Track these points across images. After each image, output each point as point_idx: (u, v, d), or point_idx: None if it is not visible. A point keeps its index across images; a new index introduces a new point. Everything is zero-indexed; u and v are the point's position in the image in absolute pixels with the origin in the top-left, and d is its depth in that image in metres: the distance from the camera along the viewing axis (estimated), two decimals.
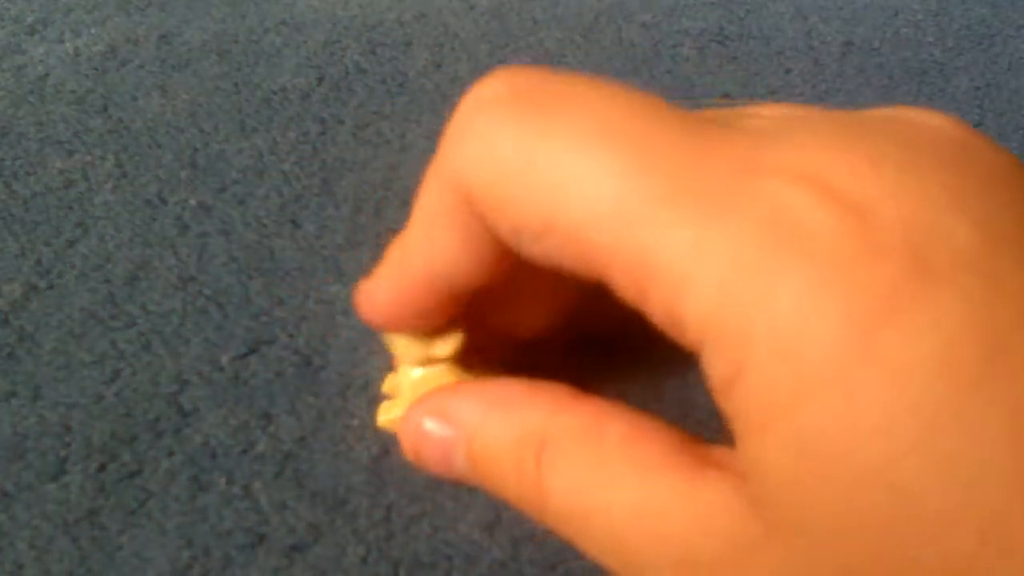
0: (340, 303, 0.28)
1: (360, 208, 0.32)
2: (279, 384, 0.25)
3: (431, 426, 0.18)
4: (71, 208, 0.32)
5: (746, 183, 0.13)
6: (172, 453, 0.23)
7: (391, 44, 0.42)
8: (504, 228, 0.15)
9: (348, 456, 0.23)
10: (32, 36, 0.43)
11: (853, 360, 0.11)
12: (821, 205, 0.12)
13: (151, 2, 0.46)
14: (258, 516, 0.21)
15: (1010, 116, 0.37)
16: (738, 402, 0.13)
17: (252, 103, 0.38)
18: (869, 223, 0.12)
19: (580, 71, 0.41)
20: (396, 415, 0.20)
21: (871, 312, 0.11)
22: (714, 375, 0.13)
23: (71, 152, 0.35)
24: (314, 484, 0.22)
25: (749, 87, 0.39)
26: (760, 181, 0.13)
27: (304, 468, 0.22)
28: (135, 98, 0.38)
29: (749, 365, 0.12)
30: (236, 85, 0.39)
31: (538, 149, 0.14)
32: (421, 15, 0.45)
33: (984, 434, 0.11)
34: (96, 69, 0.40)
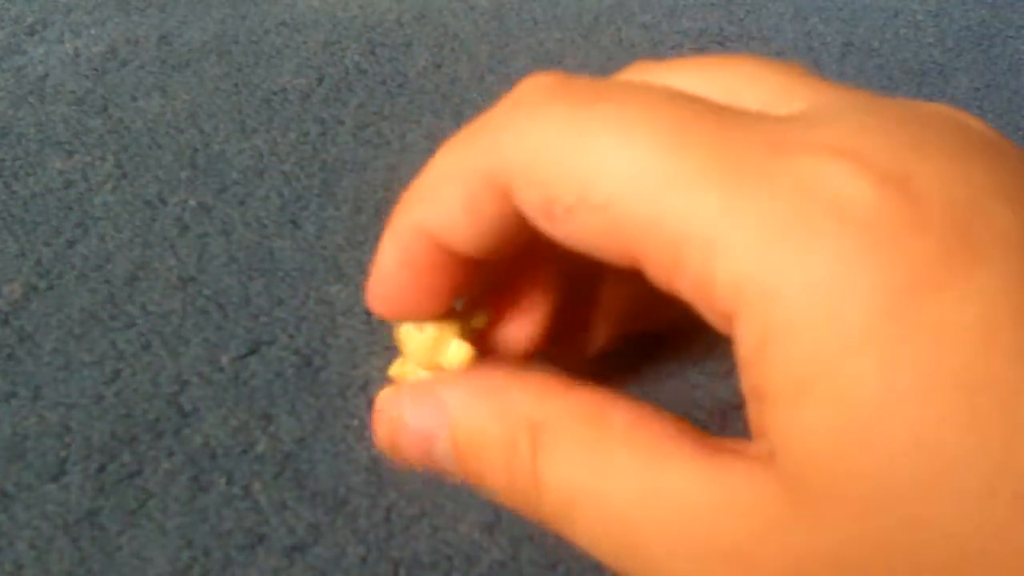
0: (340, 303, 0.28)
1: (360, 209, 0.32)
2: (279, 384, 0.25)
3: (409, 414, 0.17)
4: (71, 208, 0.32)
5: (780, 157, 0.13)
6: (172, 453, 0.23)
7: (391, 45, 0.42)
8: (536, 204, 0.15)
9: (348, 456, 0.23)
10: (32, 37, 0.43)
11: (893, 325, 0.11)
12: (859, 176, 0.12)
13: (151, 3, 0.46)
14: (258, 516, 0.21)
15: (1010, 117, 0.37)
16: (770, 368, 0.12)
17: (252, 104, 0.38)
18: (911, 196, 0.12)
19: (580, 72, 0.41)
20: (406, 371, 0.19)
21: (912, 280, 0.11)
22: (745, 341, 0.13)
23: (71, 152, 0.35)
24: (314, 484, 0.22)
25: None
26: (794, 155, 0.13)
27: (304, 468, 0.22)
28: (135, 99, 0.38)
29: (783, 328, 0.12)
30: (236, 86, 0.39)
31: (577, 130, 0.14)
32: (421, 16, 0.45)
33: (1019, 408, 0.11)
34: (96, 70, 0.40)
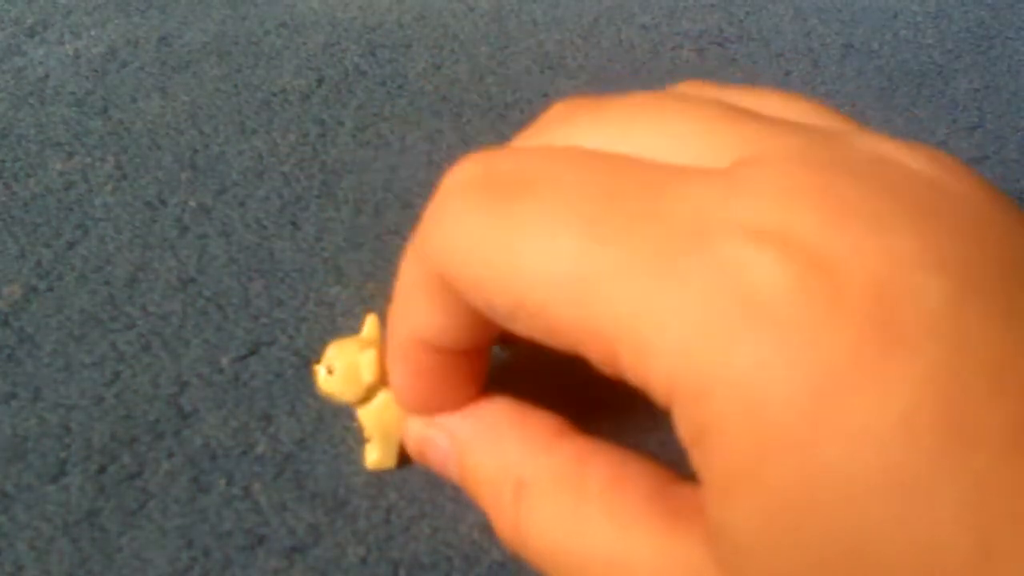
0: (340, 304, 0.28)
1: (360, 210, 0.32)
2: (279, 385, 0.25)
3: (432, 433, 0.19)
4: (71, 210, 0.32)
5: (703, 244, 0.12)
6: (172, 454, 0.23)
7: (391, 46, 0.42)
8: (480, 305, 0.15)
9: (348, 457, 0.23)
10: (32, 38, 0.43)
11: (811, 425, 0.11)
12: (781, 263, 0.12)
13: (151, 4, 0.46)
14: (258, 517, 0.21)
15: (1009, 118, 0.37)
16: (704, 461, 0.13)
17: (252, 105, 0.38)
18: (831, 279, 0.11)
19: (580, 73, 0.41)
20: (375, 457, 0.21)
21: (831, 377, 0.11)
22: (682, 436, 0.13)
23: (71, 154, 0.35)
24: (314, 485, 0.22)
25: None
26: (714, 240, 0.12)
27: (304, 469, 0.22)
28: (135, 100, 0.38)
29: (711, 426, 0.12)
30: (236, 87, 0.39)
31: (504, 232, 0.14)
32: (421, 17, 0.45)
33: (943, 505, 0.11)
34: (96, 71, 0.41)
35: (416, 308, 0.17)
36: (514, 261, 0.14)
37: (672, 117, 0.15)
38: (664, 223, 0.13)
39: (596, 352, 0.13)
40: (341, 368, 0.20)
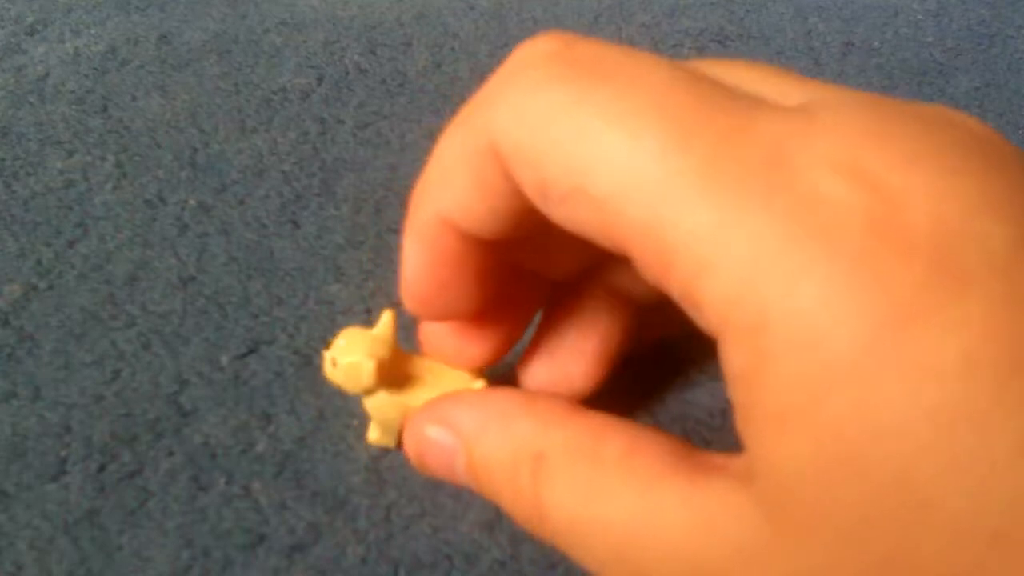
0: (340, 303, 0.28)
1: (360, 208, 0.32)
2: (279, 384, 0.25)
3: (433, 433, 0.18)
4: (71, 208, 0.32)
5: (779, 168, 0.12)
6: (172, 453, 0.23)
7: (391, 44, 0.42)
8: (531, 184, 0.14)
9: (348, 456, 0.23)
10: (32, 36, 0.43)
11: (874, 359, 0.11)
12: (856, 196, 0.12)
13: (151, 2, 0.46)
14: (258, 516, 0.21)
15: (1010, 116, 0.37)
16: (755, 396, 0.12)
17: (252, 103, 0.38)
18: (902, 218, 0.12)
19: None
20: (376, 436, 0.22)
21: (895, 311, 0.11)
22: (731, 366, 0.13)
23: (71, 152, 0.35)
24: (314, 484, 0.22)
25: None
26: (796, 170, 0.12)
27: (304, 468, 0.22)
28: (135, 98, 0.38)
29: (767, 359, 0.12)
30: (236, 85, 0.39)
31: (577, 112, 0.14)
32: (421, 15, 0.45)
33: (1000, 441, 0.11)
34: (96, 69, 0.40)
35: (452, 184, 0.16)
36: (587, 143, 0.13)
37: (736, 65, 0.15)
38: (746, 145, 0.13)
39: (648, 257, 0.13)
40: (344, 366, 0.20)
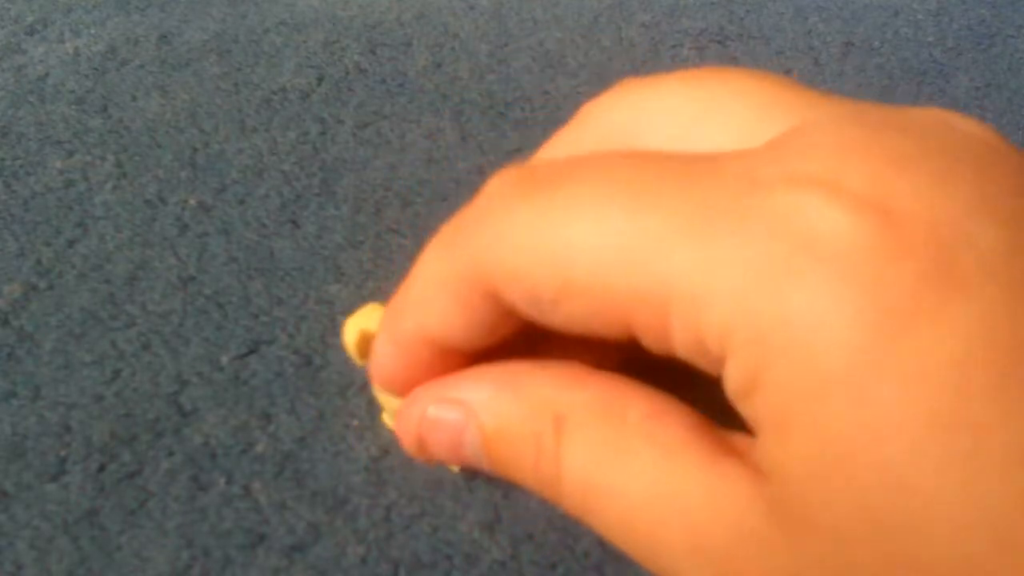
0: (340, 303, 0.28)
1: (360, 208, 0.32)
2: (279, 384, 0.25)
3: (436, 412, 0.18)
4: (71, 208, 0.32)
5: (752, 193, 0.13)
6: (172, 453, 0.23)
7: (391, 44, 0.42)
8: (524, 297, 0.15)
9: (348, 456, 0.23)
10: (32, 36, 0.43)
11: (869, 364, 0.11)
12: (834, 206, 0.12)
13: (151, 2, 0.46)
14: (258, 516, 0.21)
15: (1010, 116, 0.37)
16: (758, 407, 0.12)
17: (252, 103, 0.38)
18: (890, 222, 0.12)
19: (580, 71, 0.41)
20: (390, 424, 0.22)
21: (889, 316, 0.11)
22: (734, 384, 0.13)
23: (71, 152, 0.35)
24: (314, 484, 0.22)
25: None
26: (767, 190, 0.12)
27: (304, 468, 0.22)
28: (135, 98, 0.38)
29: (767, 370, 0.12)
30: (236, 85, 0.39)
31: (548, 218, 0.14)
32: (421, 15, 0.45)
33: (996, 443, 0.11)
34: (96, 69, 0.40)
35: (433, 305, 0.17)
36: (561, 241, 0.14)
37: (733, 75, 0.15)
38: (712, 182, 0.13)
39: (646, 320, 0.13)
40: (346, 342, 0.20)
